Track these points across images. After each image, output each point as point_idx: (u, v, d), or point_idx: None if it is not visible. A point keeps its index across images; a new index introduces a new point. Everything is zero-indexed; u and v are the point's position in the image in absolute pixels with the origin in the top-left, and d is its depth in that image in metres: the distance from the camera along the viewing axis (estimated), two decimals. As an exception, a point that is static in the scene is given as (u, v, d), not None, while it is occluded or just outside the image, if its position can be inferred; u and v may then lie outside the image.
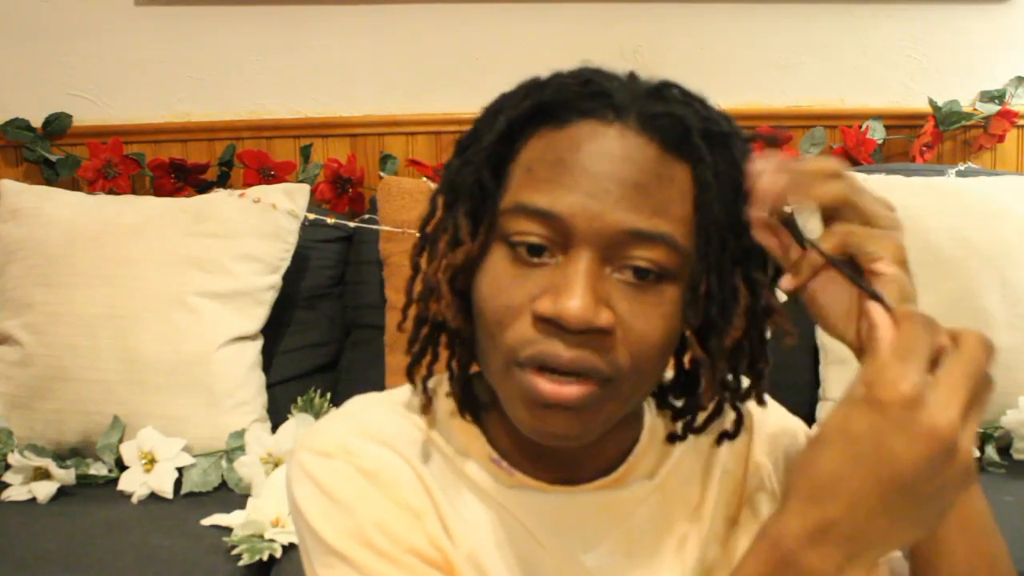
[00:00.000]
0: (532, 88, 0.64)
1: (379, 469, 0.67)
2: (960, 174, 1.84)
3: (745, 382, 0.69)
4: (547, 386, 0.59)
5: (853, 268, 0.60)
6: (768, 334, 0.67)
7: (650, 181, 0.60)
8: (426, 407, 0.70)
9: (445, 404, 0.71)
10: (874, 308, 0.56)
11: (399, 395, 0.73)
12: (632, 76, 0.65)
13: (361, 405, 0.73)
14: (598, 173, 0.59)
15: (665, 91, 0.63)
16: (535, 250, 0.60)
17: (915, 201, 1.67)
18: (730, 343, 0.64)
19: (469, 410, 0.70)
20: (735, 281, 0.63)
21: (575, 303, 0.57)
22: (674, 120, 0.61)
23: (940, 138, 2.04)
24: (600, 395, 0.60)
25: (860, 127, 2.02)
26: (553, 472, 0.69)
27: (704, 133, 0.62)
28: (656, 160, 0.60)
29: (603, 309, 0.58)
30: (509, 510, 0.68)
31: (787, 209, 0.61)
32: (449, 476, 0.69)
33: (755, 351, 0.66)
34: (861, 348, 0.59)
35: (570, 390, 0.59)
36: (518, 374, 0.60)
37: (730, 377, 0.67)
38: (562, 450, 0.66)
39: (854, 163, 1.98)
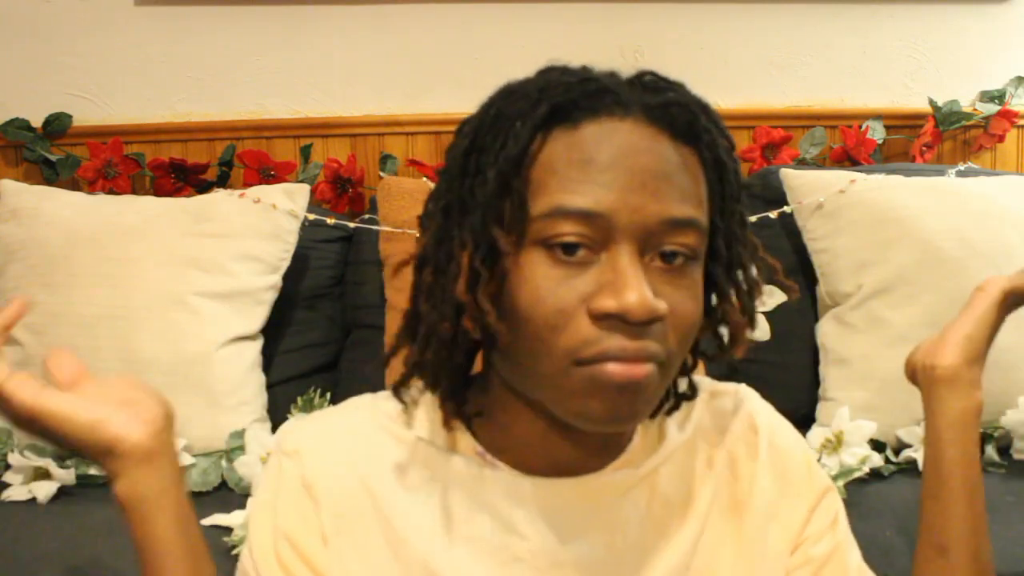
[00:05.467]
0: (541, 91, 0.65)
1: (316, 482, 0.69)
2: (960, 174, 1.84)
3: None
4: (619, 369, 0.60)
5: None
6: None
7: (672, 169, 0.63)
8: (409, 413, 0.72)
9: (426, 410, 0.72)
10: None
11: (385, 400, 0.74)
12: (613, 71, 0.67)
13: (350, 407, 0.75)
14: (630, 168, 0.61)
15: (650, 81, 0.66)
16: (571, 249, 0.61)
17: (915, 201, 1.67)
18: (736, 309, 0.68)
19: (461, 414, 0.70)
20: (744, 251, 0.68)
21: (637, 296, 0.59)
22: (681, 108, 0.64)
23: (940, 138, 2.04)
24: (658, 376, 0.62)
25: (860, 127, 2.02)
26: (539, 468, 0.70)
27: (706, 115, 0.65)
28: (670, 148, 0.63)
29: (659, 298, 0.60)
30: (491, 502, 0.69)
31: None
32: (427, 475, 0.70)
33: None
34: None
35: (641, 369, 0.61)
36: (580, 371, 0.61)
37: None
38: (554, 447, 0.68)
39: (854, 163, 1.99)
